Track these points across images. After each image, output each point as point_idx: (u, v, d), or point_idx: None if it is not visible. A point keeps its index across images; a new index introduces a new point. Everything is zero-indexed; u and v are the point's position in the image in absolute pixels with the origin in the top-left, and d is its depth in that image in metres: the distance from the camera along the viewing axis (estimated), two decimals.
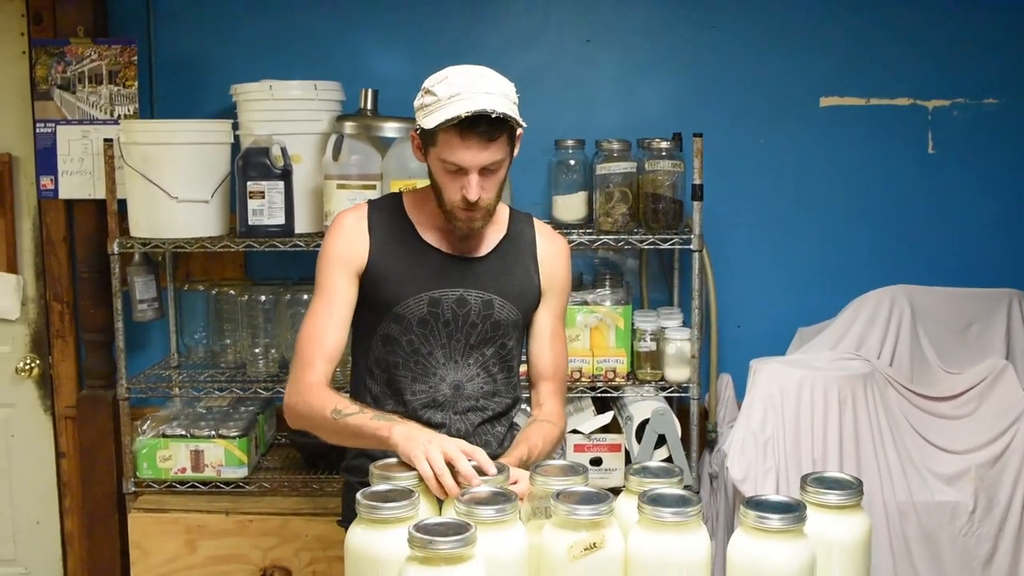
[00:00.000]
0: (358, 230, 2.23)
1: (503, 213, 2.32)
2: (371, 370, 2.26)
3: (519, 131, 2.14)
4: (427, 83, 2.11)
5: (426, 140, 2.13)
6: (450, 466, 1.87)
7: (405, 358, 2.22)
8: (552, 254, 2.33)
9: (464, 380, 2.24)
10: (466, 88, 2.05)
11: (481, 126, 2.04)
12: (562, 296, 2.36)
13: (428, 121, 2.07)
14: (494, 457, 2.01)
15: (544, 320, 2.33)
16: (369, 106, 3.14)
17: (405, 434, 1.96)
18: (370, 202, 2.32)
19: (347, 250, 2.21)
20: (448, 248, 2.24)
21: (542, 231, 2.36)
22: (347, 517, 2.28)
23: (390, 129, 3.06)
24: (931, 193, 3.50)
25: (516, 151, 2.18)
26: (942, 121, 3.48)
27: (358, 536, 1.70)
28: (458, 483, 1.85)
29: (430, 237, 2.24)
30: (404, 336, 2.21)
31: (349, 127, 3.05)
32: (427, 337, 2.21)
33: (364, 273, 2.21)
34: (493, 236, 2.28)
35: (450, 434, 2.15)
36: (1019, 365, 3.25)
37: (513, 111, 2.09)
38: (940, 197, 3.50)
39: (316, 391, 2.14)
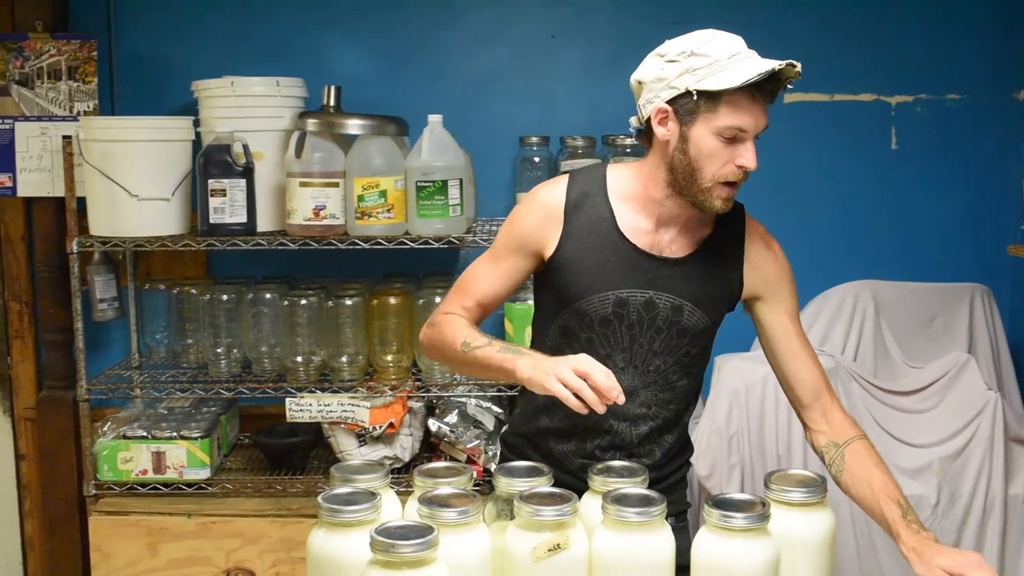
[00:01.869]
0: (553, 213, 2.06)
1: None
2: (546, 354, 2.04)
3: None
4: (687, 46, 1.95)
5: (698, 108, 1.92)
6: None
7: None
8: (769, 260, 2.12)
9: (640, 387, 2.07)
10: (742, 48, 1.93)
11: (767, 87, 1.90)
12: (791, 292, 2.14)
13: (716, 81, 1.88)
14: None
15: (782, 326, 2.14)
16: (332, 103, 3.11)
17: (531, 365, 1.87)
18: (571, 175, 2.12)
19: (534, 232, 2.08)
20: (646, 245, 2.05)
21: (754, 230, 2.14)
22: None
23: (353, 126, 3.03)
24: (894, 189, 3.52)
25: None
26: (905, 117, 3.50)
27: (320, 539, 1.69)
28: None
29: (631, 231, 2.05)
30: (584, 333, 2.06)
31: (312, 124, 3.02)
32: (608, 338, 2.05)
33: (550, 258, 2.07)
34: (697, 234, 2.09)
35: (615, 443, 2.09)
36: (981, 359, 3.28)
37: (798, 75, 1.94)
38: (903, 193, 3.52)
39: (451, 322, 2.07)
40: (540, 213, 2.08)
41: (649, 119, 2.02)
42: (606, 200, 2.07)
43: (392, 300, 3.15)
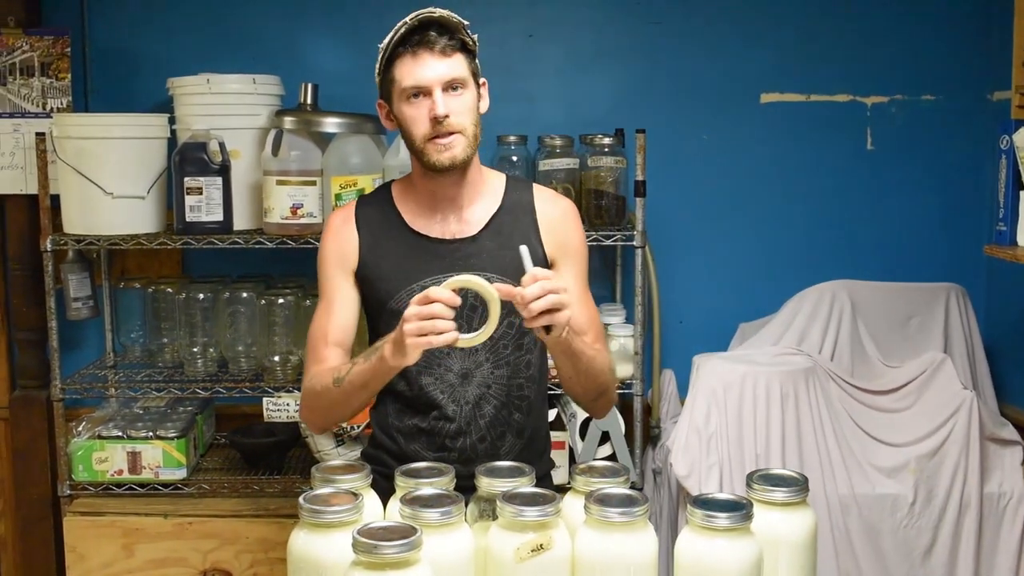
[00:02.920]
0: (346, 230, 2.19)
1: (497, 184, 2.23)
2: None
3: (483, 80, 2.13)
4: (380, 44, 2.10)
5: (387, 90, 2.10)
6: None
7: None
8: (557, 218, 2.21)
9: (472, 367, 2.15)
10: (411, 17, 2.05)
11: (431, 36, 2.02)
12: (579, 258, 2.22)
13: (381, 62, 2.07)
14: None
15: (567, 284, 2.17)
16: (309, 101, 3.09)
17: (389, 346, 1.93)
18: (360, 198, 2.28)
19: (338, 252, 2.19)
20: (438, 233, 2.16)
21: (542, 195, 2.24)
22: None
23: (330, 124, 3.01)
24: (870, 189, 3.53)
25: (484, 103, 2.14)
26: (881, 117, 3.52)
27: (301, 540, 1.68)
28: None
29: (418, 224, 2.17)
30: None
31: (289, 122, 3.00)
32: None
33: (357, 272, 2.18)
34: (485, 210, 2.18)
35: (462, 428, 2.15)
36: (957, 358, 3.29)
37: (464, 24, 2.07)
38: (879, 193, 3.54)
39: (316, 380, 2.12)
40: (337, 235, 2.20)
41: None
42: (392, 206, 2.21)
43: None
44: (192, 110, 3.11)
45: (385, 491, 1.93)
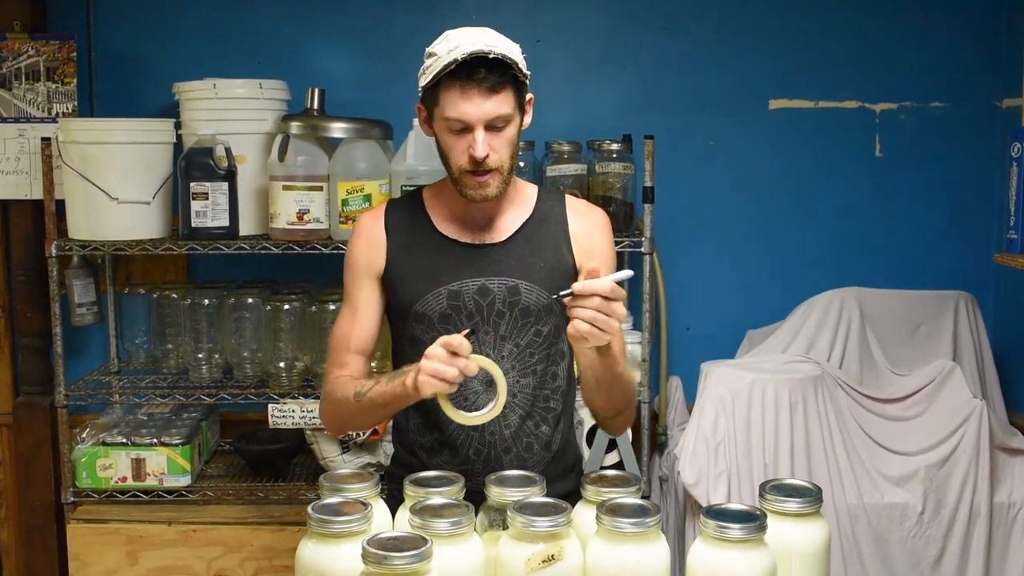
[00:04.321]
0: (375, 232, 2.17)
1: (530, 193, 2.21)
2: None
3: (529, 96, 2.08)
4: (429, 47, 2.04)
5: (429, 103, 2.05)
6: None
7: None
8: (587, 228, 2.18)
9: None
10: (465, 42, 1.98)
11: (480, 72, 1.96)
12: (607, 269, 2.13)
13: (427, 78, 2.00)
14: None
15: None
16: (316, 106, 3.07)
17: (412, 376, 1.90)
18: (390, 201, 2.27)
19: (365, 254, 2.17)
20: (468, 238, 2.14)
21: (574, 206, 2.21)
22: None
23: (337, 130, 2.99)
24: (878, 196, 3.52)
25: (528, 119, 2.10)
26: (889, 124, 3.50)
27: (309, 550, 1.66)
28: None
29: (449, 229, 2.15)
30: (428, 334, 2.09)
31: (295, 127, 2.99)
32: (451, 332, 2.01)
33: (384, 275, 2.16)
34: (516, 218, 2.16)
35: (487, 440, 2.11)
36: (966, 367, 3.27)
37: (517, 60, 2.01)
38: (887, 200, 3.52)
39: (338, 387, 2.11)
40: (365, 237, 2.18)
41: None
42: (423, 210, 2.18)
43: None
44: (198, 115, 3.09)
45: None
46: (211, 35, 3.43)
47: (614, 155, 3.14)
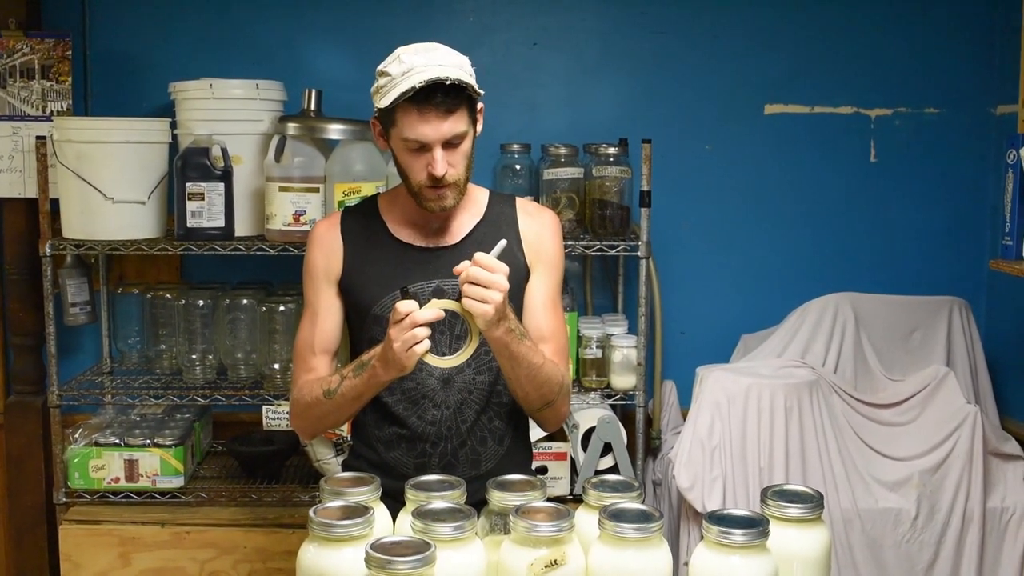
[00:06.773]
0: (331, 238, 2.23)
1: (481, 197, 2.27)
2: None
3: (480, 105, 2.13)
4: (380, 66, 2.08)
5: (386, 122, 2.10)
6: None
7: None
8: (536, 229, 2.25)
9: (454, 372, 2.17)
10: (419, 63, 2.02)
11: (437, 97, 2.01)
12: (552, 268, 2.25)
13: (384, 100, 2.04)
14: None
15: (536, 291, 2.22)
16: (312, 107, 3.07)
17: (379, 362, 1.99)
18: (345, 208, 2.33)
19: (323, 260, 2.22)
20: (422, 242, 2.21)
21: (524, 208, 2.29)
22: None
23: (334, 131, 2.99)
24: (873, 201, 3.53)
25: (479, 127, 2.15)
26: (884, 130, 3.51)
27: (310, 555, 1.65)
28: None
29: (403, 234, 2.22)
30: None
31: (292, 128, 2.98)
32: None
33: (341, 280, 2.22)
34: (468, 221, 2.23)
35: (443, 433, 2.17)
36: (959, 372, 3.29)
37: (469, 80, 2.06)
38: (882, 205, 3.53)
39: (306, 390, 2.17)
40: (322, 244, 2.24)
41: None
42: (378, 216, 2.25)
43: None
44: (194, 115, 3.08)
45: None
46: (208, 34, 3.42)
47: (611, 159, 3.14)
